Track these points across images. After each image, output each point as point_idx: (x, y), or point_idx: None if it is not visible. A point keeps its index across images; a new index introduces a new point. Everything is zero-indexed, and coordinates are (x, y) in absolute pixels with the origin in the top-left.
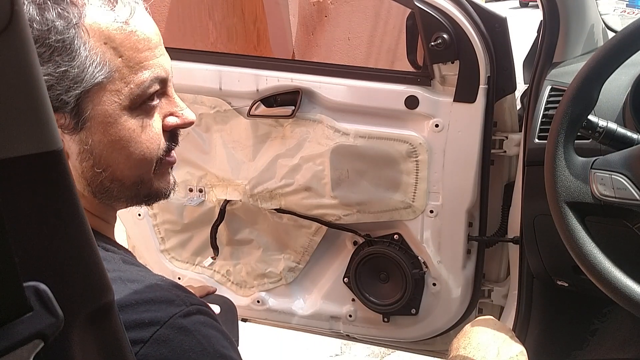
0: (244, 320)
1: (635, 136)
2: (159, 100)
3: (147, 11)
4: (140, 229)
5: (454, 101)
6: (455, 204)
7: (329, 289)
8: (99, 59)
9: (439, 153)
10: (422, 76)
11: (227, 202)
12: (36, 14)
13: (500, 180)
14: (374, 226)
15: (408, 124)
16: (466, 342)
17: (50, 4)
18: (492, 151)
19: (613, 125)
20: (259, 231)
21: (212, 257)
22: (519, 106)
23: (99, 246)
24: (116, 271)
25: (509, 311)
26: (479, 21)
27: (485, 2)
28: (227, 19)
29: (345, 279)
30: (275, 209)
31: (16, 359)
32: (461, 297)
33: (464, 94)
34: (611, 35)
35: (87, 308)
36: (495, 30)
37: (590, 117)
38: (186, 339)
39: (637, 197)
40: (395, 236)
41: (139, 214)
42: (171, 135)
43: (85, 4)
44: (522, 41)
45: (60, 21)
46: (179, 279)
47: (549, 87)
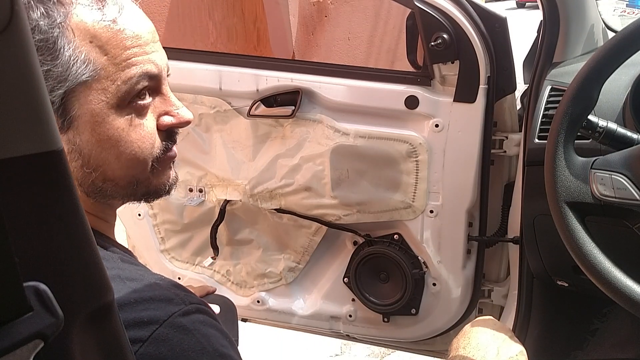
0: (244, 320)
1: (635, 136)
2: (151, 98)
3: (138, 7)
4: (140, 229)
5: (454, 101)
6: (455, 204)
7: (329, 289)
8: (83, 57)
9: (439, 153)
10: (422, 76)
11: (227, 202)
12: None
13: (500, 180)
14: (374, 226)
15: (408, 124)
16: (466, 342)
17: (35, 3)
18: (492, 151)
19: (613, 125)
20: (259, 231)
21: (212, 257)
22: (519, 106)
23: (97, 245)
24: (115, 269)
25: (509, 311)
26: (479, 21)
27: (485, 2)
28: (227, 19)
29: (345, 279)
30: (275, 209)
31: (16, 359)
32: (461, 297)
33: (464, 94)
34: (611, 35)
35: (87, 308)
36: (495, 30)
37: (590, 117)
38: (185, 338)
39: (637, 197)
40: (395, 236)
41: (139, 214)
42: (167, 135)
43: (73, 3)
44: (519, 42)
45: (45, 20)
46: (179, 279)
47: (549, 87)
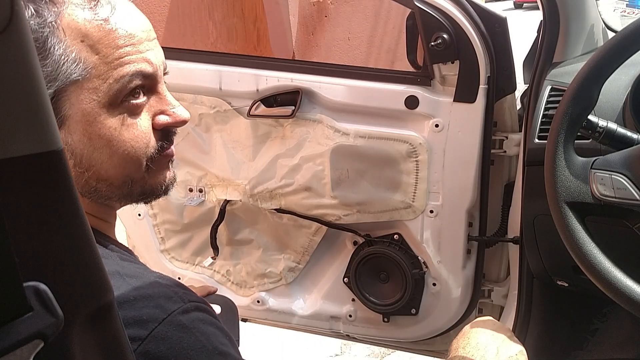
0: (244, 320)
1: (635, 136)
2: (146, 98)
3: (133, 6)
4: (140, 229)
5: (454, 101)
6: (455, 204)
7: (329, 289)
8: (73, 56)
9: (439, 153)
10: (422, 76)
11: (227, 202)
12: None
13: (500, 180)
14: (374, 226)
15: (408, 124)
16: (465, 342)
17: (26, 2)
18: (492, 151)
19: (613, 125)
20: (259, 231)
21: (212, 257)
22: (519, 106)
23: (97, 244)
24: (114, 266)
25: (509, 311)
26: (479, 21)
27: (485, 2)
28: (227, 19)
29: (345, 279)
30: (275, 209)
31: (16, 359)
32: (461, 297)
33: (464, 94)
34: (611, 35)
35: (87, 308)
36: (495, 30)
37: (590, 117)
38: (184, 336)
39: (637, 197)
40: (395, 236)
41: (139, 214)
42: (163, 134)
43: (65, 2)
44: (517, 42)
45: (35, 20)
46: (179, 278)
47: (549, 87)
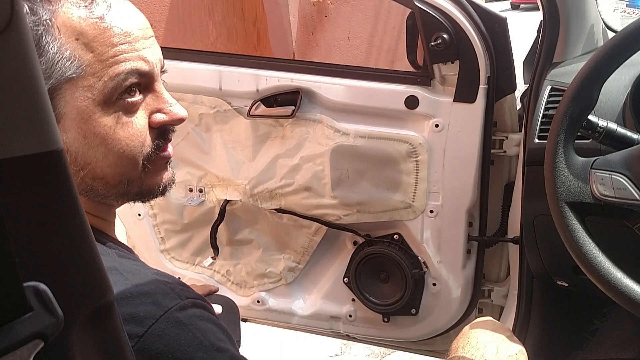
0: (244, 320)
1: (635, 136)
2: (142, 96)
3: (129, 4)
4: (140, 229)
5: (454, 101)
6: (455, 204)
7: (329, 289)
8: (68, 54)
9: (439, 153)
10: (422, 76)
11: (227, 202)
12: None
13: (500, 180)
14: (374, 226)
15: (408, 124)
16: (465, 342)
17: (21, 0)
18: (492, 151)
19: (613, 125)
20: (259, 231)
21: (212, 257)
22: (519, 106)
23: (96, 241)
24: (112, 262)
25: (509, 311)
26: (479, 21)
27: (485, 2)
28: (227, 19)
29: (345, 279)
30: (275, 209)
31: (16, 359)
32: (461, 297)
33: (464, 94)
34: (611, 35)
35: (87, 308)
36: (495, 30)
37: (590, 117)
38: (181, 333)
39: (637, 197)
40: (395, 236)
41: (139, 214)
42: (160, 133)
43: (60, 0)
44: (514, 43)
45: (30, 17)
46: (179, 279)
47: (549, 87)
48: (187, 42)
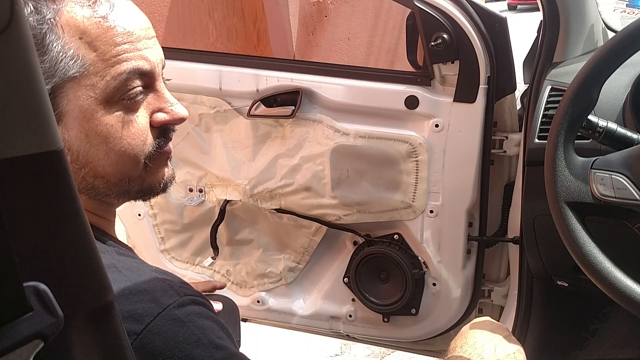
0: (244, 320)
1: (635, 136)
2: (143, 95)
3: (132, 4)
4: (140, 229)
5: (454, 101)
6: (455, 204)
7: (329, 289)
8: (71, 53)
9: (439, 153)
10: (422, 76)
11: (227, 202)
12: None
13: (500, 180)
14: (374, 226)
15: (408, 124)
16: (463, 341)
17: (25, 0)
18: (492, 151)
19: (613, 125)
20: (259, 231)
21: (212, 257)
22: (519, 106)
23: (95, 239)
24: (110, 260)
25: (509, 311)
26: (479, 21)
27: (485, 2)
28: (227, 19)
29: (345, 279)
30: (275, 209)
31: (16, 359)
32: (461, 297)
33: (464, 94)
34: (611, 35)
35: (87, 308)
36: (495, 30)
37: (590, 117)
38: (180, 330)
39: (637, 197)
40: (395, 236)
41: (139, 214)
42: (161, 132)
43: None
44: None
45: (34, 17)
46: None
47: (549, 87)
48: (187, 42)
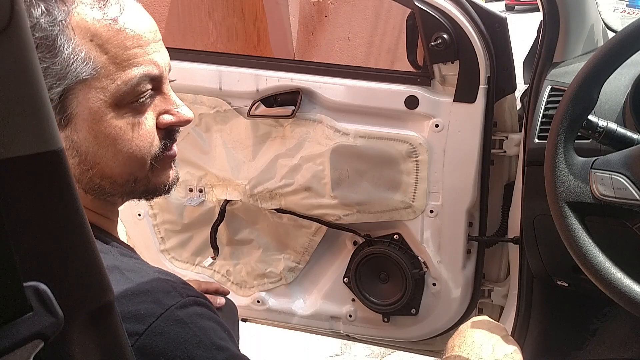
0: (244, 320)
1: (635, 136)
2: (151, 98)
3: (140, 7)
4: (140, 229)
5: (454, 101)
6: (455, 204)
7: (329, 289)
8: (83, 55)
9: (439, 153)
10: (422, 76)
11: (227, 202)
12: None
13: (500, 180)
14: (374, 226)
15: (408, 124)
16: (461, 340)
17: (37, 1)
18: (492, 151)
19: (613, 125)
20: (259, 231)
21: (212, 257)
22: (519, 106)
23: (98, 239)
24: (113, 261)
25: (509, 311)
26: (479, 21)
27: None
28: (227, 19)
29: (345, 279)
30: (275, 209)
31: (16, 359)
32: (461, 297)
33: (464, 94)
34: (611, 35)
35: (87, 308)
36: (495, 30)
37: (590, 117)
38: (182, 331)
39: (637, 197)
40: (395, 236)
41: (138, 214)
42: (167, 133)
43: (75, 1)
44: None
45: (46, 18)
46: None
47: (549, 87)
48: (187, 42)
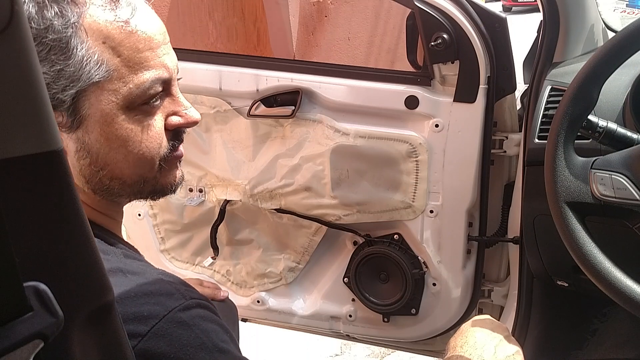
0: (244, 320)
1: (635, 136)
2: (161, 100)
3: (150, 9)
4: (140, 229)
5: (454, 101)
6: (455, 204)
7: (329, 289)
8: (96, 57)
9: (439, 153)
10: (422, 76)
11: (227, 202)
12: (35, 13)
13: (500, 180)
14: (374, 226)
15: (408, 124)
16: (463, 340)
17: (50, 3)
18: (492, 151)
19: (613, 125)
20: (259, 231)
21: (212, 257)
22: (519, 106)
23: (101, 240)
24: (117, 263)
25: (509, 311)
26: (479, 21)
27: (485, 2)
28: (227, 19)
29: (345, 279)
30: (275, 209)
31: (16, 359)
32: (461, 297)
33: (464, 94)
34: (611, 35)
35: (87, 308)
36: (495, 30)
37: (590, 117)
38: (184, 333)
39: (637, 197)
40: (395, 236)
41: (139, 214)
42: (174, 134)
43: (86, 3)
44: None
45: (59, 20)
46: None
47: (549, 87)
48: (187, 42)
